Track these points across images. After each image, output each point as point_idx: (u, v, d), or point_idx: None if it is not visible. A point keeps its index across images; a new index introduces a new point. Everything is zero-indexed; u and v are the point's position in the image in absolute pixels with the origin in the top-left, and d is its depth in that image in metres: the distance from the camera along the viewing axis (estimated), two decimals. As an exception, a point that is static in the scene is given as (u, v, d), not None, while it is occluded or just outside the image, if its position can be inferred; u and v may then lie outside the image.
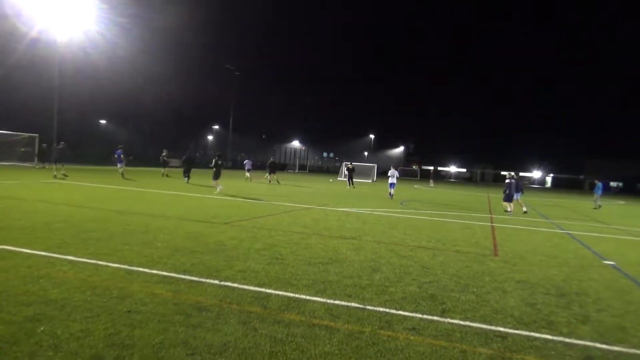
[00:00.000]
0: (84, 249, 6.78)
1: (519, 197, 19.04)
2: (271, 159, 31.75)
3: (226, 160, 63.62)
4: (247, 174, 31.40)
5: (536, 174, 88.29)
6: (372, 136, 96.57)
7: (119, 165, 24.71)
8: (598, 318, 5.24)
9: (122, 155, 24.41)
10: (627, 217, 22.19)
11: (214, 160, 19.87)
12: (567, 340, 4.46)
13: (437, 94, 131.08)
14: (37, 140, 32.59)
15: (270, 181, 29.61)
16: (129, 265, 5.96)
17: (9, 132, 30.95)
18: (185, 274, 5.73)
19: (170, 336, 3.81)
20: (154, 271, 5.78)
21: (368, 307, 4.98)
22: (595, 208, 24.88)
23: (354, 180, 31.55)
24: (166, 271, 5.82)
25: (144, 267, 5.92)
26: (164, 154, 29.10)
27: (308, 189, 27.11)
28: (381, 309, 4.94)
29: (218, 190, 18.76)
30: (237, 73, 59.02)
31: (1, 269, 5.45)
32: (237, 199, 16.85)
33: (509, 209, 17.57)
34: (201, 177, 27.87)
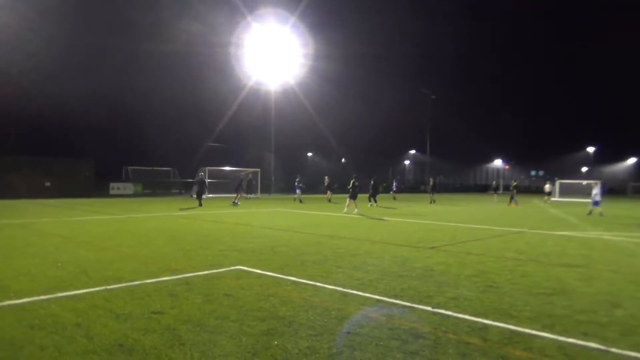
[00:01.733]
0: (303, 270, 7.39)
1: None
2: (432, 181, 32.12)
3: (425, 184, 63.28)
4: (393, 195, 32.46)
5: None
6: (591, 149, 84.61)
7: (297, 192, 29.62)
8: None
9: (300, 184, 29.74)
10: None
11: (351, 182, 20.47)
12: None
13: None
14: (259, 174, 37.64)
15: (432, 202, 30.60)
16: (343, 288, 6.25)
17: (237, 169, 36.45)
18: (396, 299, 5.73)
19: (388, 361, 3.80)
20: (367, 294, 5.92)
21: (613, 349, 4.18)
22: None
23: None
24: (378, 295, 5.91)
25: (356, 290, 6.13)
26: (326, 181, 31.20)
27: (515, 211, 24.96)
28: (631, 354, 4.09)
29: (346, 210, 20.06)
30: (433, 97, 58.84)
31: (239, 286, 6.28)
32: (439, 223, 16.45)
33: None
34: (389, 201, 28.16)
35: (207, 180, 34.33)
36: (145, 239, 11.00)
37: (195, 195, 24.61)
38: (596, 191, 22.00)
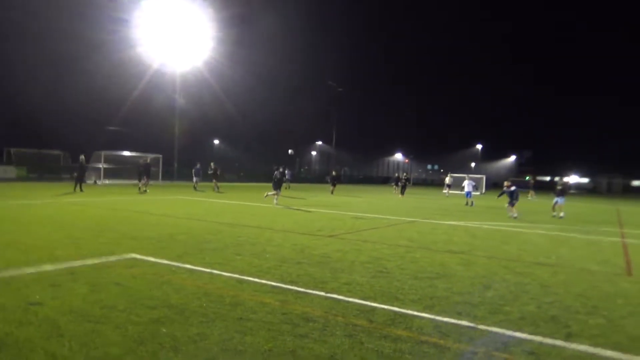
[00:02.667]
0: (200, 258, 7.26)
1: (562, 202, 19.42)
2: (333, 173, 32.76)
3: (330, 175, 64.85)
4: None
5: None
6: (479, 146, 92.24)
7: (195, 179, 27.96)
8: None
9: (200, 171, 28.24)
10: None
11: (276, 172, 20.50)
12: None
13: (550, 96, 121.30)
14: (160, 161, 36.00)
15: (332, 192, 30.55)
16: (240, 275, 6.25)
17: (137, 154, 34.55)
18: (292, 285, 5.86)
19: (279, 344, 3.89)
20: (263, 281, 5.99)
21: (480, 326, 4.66)
22: None
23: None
24: (274, 281, 6.00)
25: (253, 277, 6.17)
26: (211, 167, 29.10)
27: (411, 202, 26.56)
28: (495, 329, 4.59)
29: (267, 196, 19.99)
30: (340, 89, 60.24)
31: (131, 275, 6.02)
32: (343, 213, 17.00)
33: (512, 214, 17.93)
34: (302, 191, 28.63)
35: (104, 166, 32.15)
36: (28, 226, 10.07)
37: (75, 181, 22.58)
38: (465, 184, 26.67)
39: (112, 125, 50.97)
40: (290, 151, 36.33)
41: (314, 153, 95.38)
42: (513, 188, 18.42)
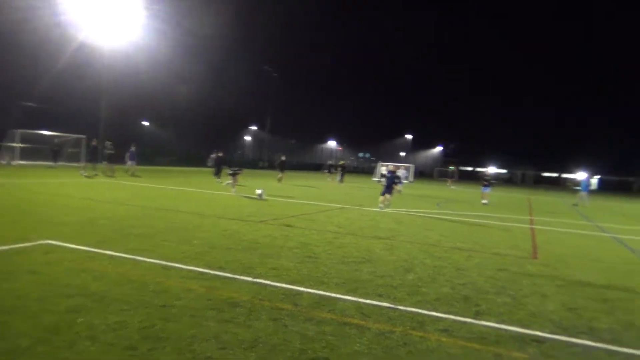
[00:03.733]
0: (124, 244, 7.01)
1: (488, 191, 21.57)
2: (282, 158, 30.93)
3: (263, 161, 64.42)
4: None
5: (581, 175, 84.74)
6: (409, 136, 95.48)
7: (129, 163, 25.82)
8: (644, 325, 4.98)
9: (135, 155, 25.96)
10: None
11: (214, 156, 19.38)
12: (609, 347, 4.27)
13: (477, 93, 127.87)
14: (83, 142, 33.90)
15: (280, 180, 28.53)
16: (166, 261, 6.13)
17: (59, 134, 32.30)
18: (219, 271, 5.84)
19: (202, 330, 3.89)
20: (190, 267, 5.91)
21: (400, 307, 4.92)
22: (575, 204, 25.02)
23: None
24: (201, 267, 5.94)
25: (180, 263, 6.07)
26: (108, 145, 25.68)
27: (341, 189, 27.09)
28: (413, 310, 4.87)
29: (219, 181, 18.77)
30: (275, 75, 59.71)
31: (46, 262, 5.71)
32: (274, 198, 17.02)
33: (382, 205, 15.38)
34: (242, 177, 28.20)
35: (20, 145, 29.75)
36: None
37: None
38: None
39: (30, 102, 47.09)
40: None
41: (247, 138, 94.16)
42: (397, 174, 16.22)
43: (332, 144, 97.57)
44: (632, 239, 12.42)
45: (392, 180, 15.53)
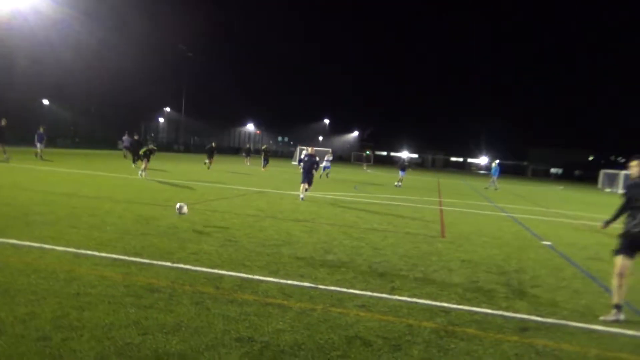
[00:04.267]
0: (28, 232, 6.52)
1: (404, 175, 23.96)
2: (212, 144, 30.00)
3: (179, 144, 62.16)
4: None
5: (483, 159, 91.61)
6: (326, 121, 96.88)
7: (38, 145, 23.54)
8: (534, 293, 5.62)
9: (43, 137, 23.67)
10: (565, 201, 23.55)
11: (146, 146, 18.36)
12: (505, 313, 4.77)
13: (390, 80, 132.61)
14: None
15: (209, 166, 28.11)
16: (77, 249, 5.81)
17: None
18: (136, 257, 5.65)
19: (121, 317, 3.78)
20: (103, 254, 5.66)
21: (320, 286, 5.11)
22: (486, 188, 27.73)
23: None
24: (116, 254, 5.71)
25: (92, 250, 5.78)
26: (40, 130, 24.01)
27: (263, 173, 27.01)
28: (333, 288, 5.08)
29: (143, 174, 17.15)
30: (190, 54, 57.47)
31: (-64, 253, 5.18)
32: (192, 182, 16.58)
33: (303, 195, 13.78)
34: (160, 161, 27.03)
35: None
36: None
37: None
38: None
39: None
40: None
41: (161, 120, 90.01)
42: (316, 159, 14.43)
43: (250, 127, 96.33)
44: (526, 217, 13.78)
45: (310, 165, 13.92)
